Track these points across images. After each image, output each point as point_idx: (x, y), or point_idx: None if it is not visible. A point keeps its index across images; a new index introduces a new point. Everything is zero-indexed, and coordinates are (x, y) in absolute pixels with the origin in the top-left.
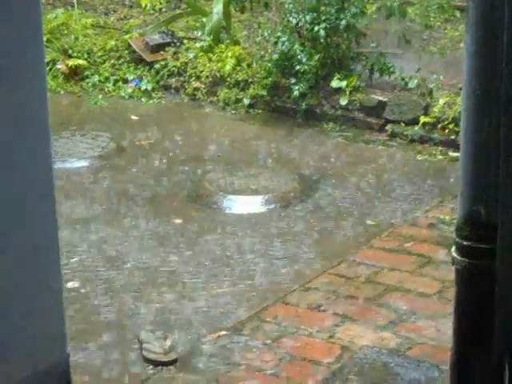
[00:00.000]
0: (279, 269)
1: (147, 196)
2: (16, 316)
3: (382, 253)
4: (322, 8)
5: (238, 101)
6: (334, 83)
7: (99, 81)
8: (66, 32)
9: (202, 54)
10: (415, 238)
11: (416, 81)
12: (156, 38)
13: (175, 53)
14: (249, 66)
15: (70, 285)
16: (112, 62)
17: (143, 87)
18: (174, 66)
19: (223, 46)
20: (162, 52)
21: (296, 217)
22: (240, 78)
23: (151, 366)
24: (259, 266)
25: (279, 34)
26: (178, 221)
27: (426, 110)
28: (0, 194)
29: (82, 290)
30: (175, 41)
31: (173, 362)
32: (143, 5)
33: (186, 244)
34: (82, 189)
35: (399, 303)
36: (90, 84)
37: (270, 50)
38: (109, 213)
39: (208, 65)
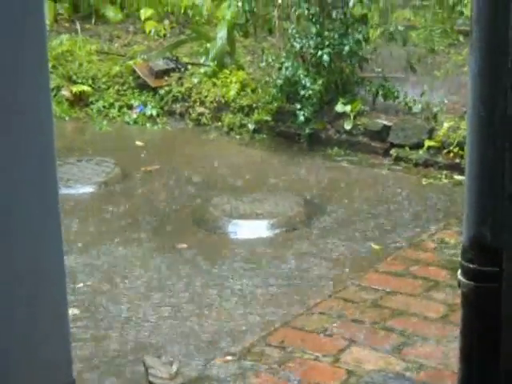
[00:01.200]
0: (285, 292)
1: (152, 222)
2: (22, 342)
3: (388, 276)
4: (326, 33)
5: (243, 126)
6: (339, 108)
7: (104, 106)
8: (70, 58)
9: (206, 79)
10: (421, 261)
11: (420, 105)
12: (160, 64)
13: (179, 78)
14: (253, 91)
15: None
16: (116, 87)
17: (148, 113)
18: (179, 92)
19: (227, 72)
20: (166, 78)
21: (301, 241)
22: (244, 103)
23: None
24: (265, 289)
25: (283, 59)
26: (183, 246)
27: (431, 134)
28: (7, 218)
29: (83, 319)
30: (179, 66)
31: None
32: (147, 31)
33: (190, 268)
34: (85, 214)
35: (405, 327)
36: (94, 110)
37: (274, 76)
38: (114, 238)
39: (212, 90)
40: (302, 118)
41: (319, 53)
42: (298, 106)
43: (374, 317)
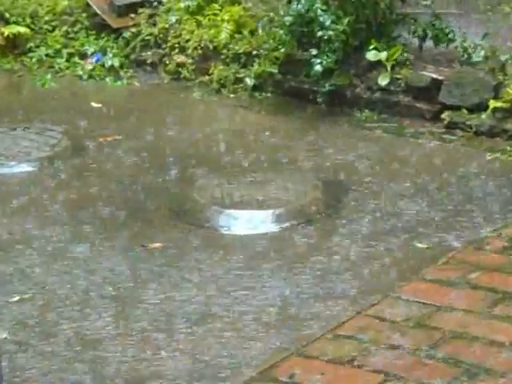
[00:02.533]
0: (298, 309)
1: (114, 212)
2: None
3: (438, 286)
4: None
5: (239, 81)
6: (371, 55)
7: (47, 55)
8: None
9: (187, 17)
10: (483, 265)
11: (483, 52)
12: None
13: (151, 16)
14: (252, 33)
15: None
16: (64, 29)
17: (107, 63)
18: (150, 34)
19: (217, 6)
20: (132, 15)
21: (319, 238)
22: (240, 51)
23: None
24: (270, 306)
25: None
26: (156, 245)
27: (497, 92)
28: None
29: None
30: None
31: None
32: None
33: (167, 278)
34: (23, 202)
35: (463, 355)
36: (34, 59)
37: (281, 11)
38: (59, 236)
39: (196, 32)
40: (319, 70)
41: None
42: (315, 53)
43: (420, 341)
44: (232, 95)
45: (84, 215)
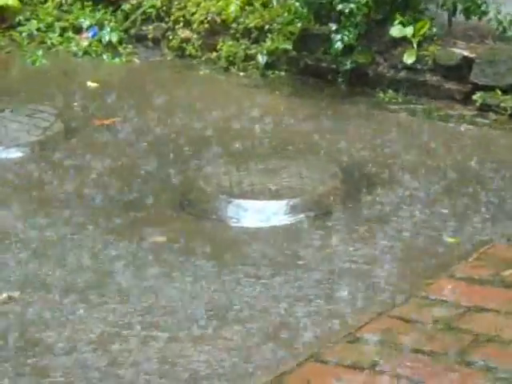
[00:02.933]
0: (314, 310)
1: (111, 202)
2: None
3: (469, 285)
4: None
5: (249, 58)
6: (395, 31)
7: (38, 29)
8: None
9: None
10: None
11: None
12: None
13: None
14: (265, 5)
15: None
16: (57, 0)
17: (105, 38)
18: (152, 7)
19: None
20: None
21: (338, 232)
22: (252, 25)
23: None
24: (282, 306)
25: None
26: (160, 239)
27: None
28: None
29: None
30: None
31: None
32: None
33: (171, 275)
34: (11, 191)
35: (496, 361)
36: (24, 34)
37: None
38: (50, 227)
39: (203, 4)
40: (339, 46)
41: None
42: (334, 28)
43: (448, 345)
44: (242, 74)
45: (78, 205)
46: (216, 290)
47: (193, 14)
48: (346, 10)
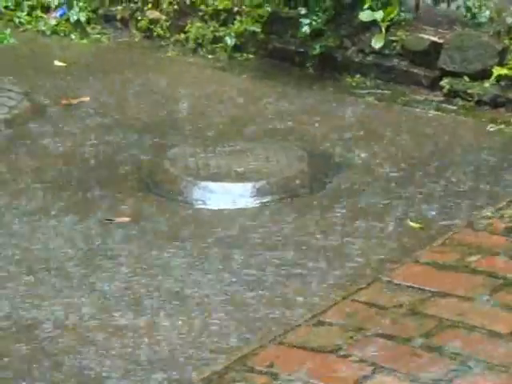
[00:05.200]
0: (278, 292)
1: (77, 182)
2: None
3: (433, 270)
4: None
5: (217, 40)
6: (364, 15)
7: (6, 7)
8: None
9: None
10: (483, 248)
11: (488, 12)
12: None
13: None
14: None
15: None
16: None
17: (73, 18)
18: None
19: None
20: None
21: (303, 215)
22: (220, 7)
23: None
24: (248, 289)
25: None
26: (124, 219)
27: (503, 58)
28: None
29: None
30: None
31: None
32: None
33: (134, 255)
34: None
35: (460, 346)
36: None
37: None
38: (13, 206)
39: None
40: (307, 30)
41: None
42: (303, 12)
43: (412, 330)
44: (210, 56)
45: (43, 185)
46: (176, 270)
47: None
48: None
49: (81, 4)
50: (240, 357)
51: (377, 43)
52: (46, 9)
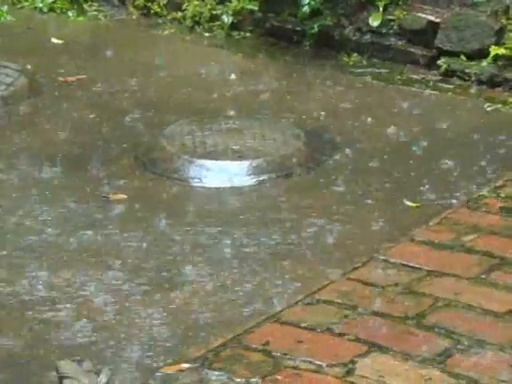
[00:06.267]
0: (274, 272)
1: (73, 159)
2: None
3: (429, 249)
4: None
5: (215, 18)
6: None
7: None
8: None
9: None
10: (479, 227)
11: None
12: None
13: None
14: None
15: None
16: None
17: None
18: None
19: None
20: None
21: (300, 193)
22: None
23: None
24: (243, 268)
25: None
26: (121, 197)
27: (500, 37)
28: None
29: None
30: None
31: None
32: None
33: (131, 232)
34: None
35: (454, 325)
36: None
37: None
38: (8, 183)
39: None
40: (306, 9)
41: None
42: None
43: (407, 308)
44: (207, 34)
45: (38, 162)
46: (172, 247)
47: None
48: None
49: None
50: (235, 335)
51: (374, 22)
52: None
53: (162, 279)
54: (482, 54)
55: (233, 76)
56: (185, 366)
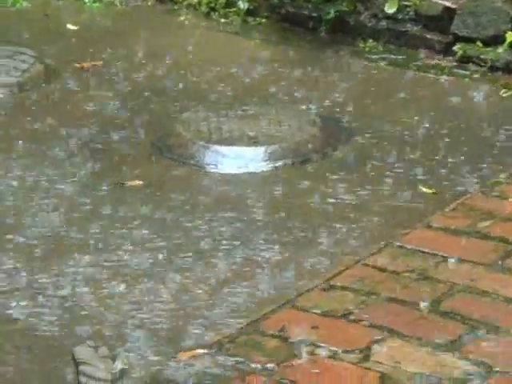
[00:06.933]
0: (289, 258)
1: (90, 144)
2: None
3: (445, 235)
4: None
5: (231, 4)
6: None
7: None
8: None
9: None
10: (495, 214)
11: None
12: None
13: None
14: None
15: None
16: None
17: None
18: None
19: None
20: None
21: (315, 179)
22: None
23: None
24: (258, 254)
25: None
26: (137, 183)
27: None
28: None
29: None
30: None
31: None
32: None
33: (146, 219)
34: None
35: (470, 311)
36: None
37: None
38: (25, 171)
39: None
40: None
41: None
42: None
43: (423, 295)
44: (223, 20)
45: (55, 148)
46: (187, 232)
47: None
48: None
49: None
50: (251, 321)
51: (390, 8)
52: None
53: (177, 265)
54: (498, 40)
55: (248, 62)
56: (200, 351)
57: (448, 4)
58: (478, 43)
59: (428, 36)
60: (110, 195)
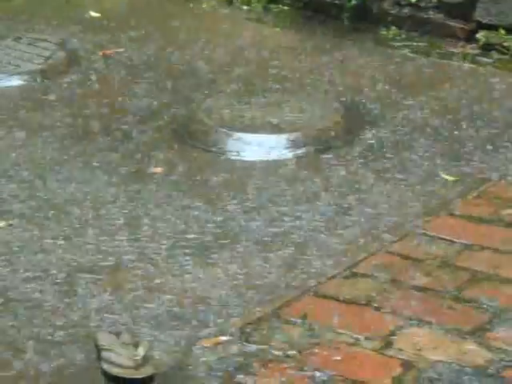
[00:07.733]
0: (313, 245)
1: (110, 132)
2: None
3: (468, 223)
4: None
5: None
6: None
7: None
8: None
9: None
10: None
11: None
12: None
13: None
14: None
15: None
16: None
17: None
18: None
19: None
20: None
21: (338, 167)
22: None
23: None
24: (281, 242)
25: None
26: (158, 170)
27: None
28: None
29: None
30: None
31: (148, 381)
32: None
33: (167, 207)
34: (12, 120)
35: (492, 298)
36: None
37: None
38: (52, 156)
39: None
40: None
41: None
42: None
43: (446, 282)
44: (245, 7)
45: (78, 135)
46: (209, 220)
47: None
48: None
49: None
50: (274, 308)
51: None
52: None
53: (199, 253)
54: None
55: (270, 50)
56: (223, 338)
57: None
58: (501, 31)
59: (451, 23)
60: (131, 181)
